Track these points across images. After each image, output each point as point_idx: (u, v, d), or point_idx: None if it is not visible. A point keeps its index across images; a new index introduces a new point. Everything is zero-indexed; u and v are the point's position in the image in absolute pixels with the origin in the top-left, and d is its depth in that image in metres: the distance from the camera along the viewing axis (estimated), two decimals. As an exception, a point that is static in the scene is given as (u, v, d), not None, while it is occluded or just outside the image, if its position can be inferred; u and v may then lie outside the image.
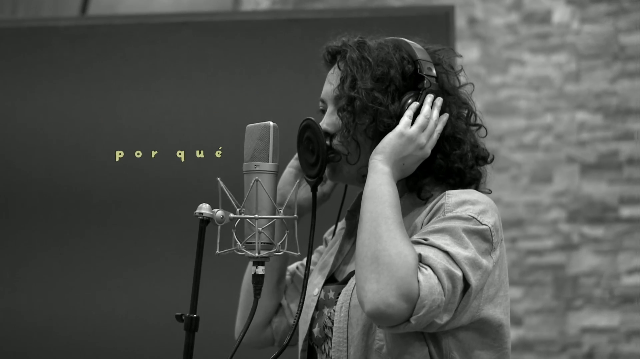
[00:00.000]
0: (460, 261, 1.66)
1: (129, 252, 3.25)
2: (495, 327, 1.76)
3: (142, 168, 3.25)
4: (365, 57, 1.80)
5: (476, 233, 1.70)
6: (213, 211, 1.70)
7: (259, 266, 1.73)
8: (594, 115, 5.05)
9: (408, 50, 1.83)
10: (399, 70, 1.80)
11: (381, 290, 1.62)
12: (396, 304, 1.61)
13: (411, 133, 1.76)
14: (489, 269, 1.70)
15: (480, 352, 1.76)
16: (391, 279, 1.61)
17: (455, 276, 1.64)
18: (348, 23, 1.97)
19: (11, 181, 3.30)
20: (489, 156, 1.87)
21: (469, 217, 1.71)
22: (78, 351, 3.25)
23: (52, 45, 3.34)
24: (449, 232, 1.69)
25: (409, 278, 1.61)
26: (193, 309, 1.70)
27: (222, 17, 3.48)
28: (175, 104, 3.29)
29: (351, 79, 1.80)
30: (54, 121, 3.29)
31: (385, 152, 1.75)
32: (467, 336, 1.74)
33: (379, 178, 1.73)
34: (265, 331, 2.00)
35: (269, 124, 1.75)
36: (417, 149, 1.76)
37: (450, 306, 1.65)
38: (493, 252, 1.72)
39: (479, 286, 1.69)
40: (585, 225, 5.00)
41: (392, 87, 1.80)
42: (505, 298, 1.77)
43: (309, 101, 2.08)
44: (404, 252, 1.63)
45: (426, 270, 1.63)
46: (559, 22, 5.12)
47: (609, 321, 4.94)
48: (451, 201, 1.74)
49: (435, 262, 1.64)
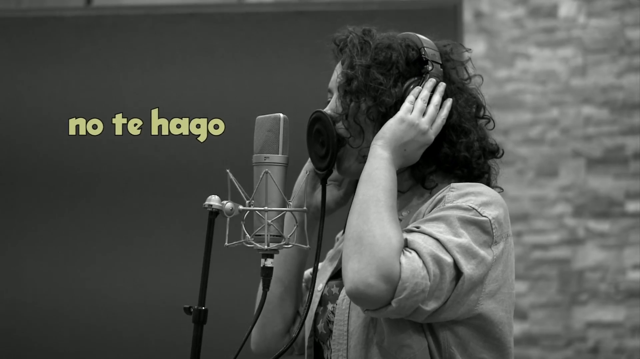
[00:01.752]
0: (451, 248, 1.63)
1: (135, 238, 3.26)
2: (496, 325, 1.73)
3: (149, 156, 3.25)
4: (366, 41, 1.79)
5: (474, 223, 1.67)
6: (222, 203, 1.69)
7: (268, 259, 1.72)
8: (600, 109, 5.04)
9: (414, 39, 1.81)
10: (403, 56, 1.78)
11: (361, 270, 1.60)
12: (375, 284, 1.59)
13: (411, 118, 1.74)
14: (488, 260, 1.67)
15: (481, 349, 1.73)
16: (372, 259, 1.60)
17: (442, 261, 1.62)
18: (355, 16, 1.96)
19: (18, 169, 3.30)
20: (499, 151, 1.85)
21: (469, 208, 1.68)
22: (84, 336, 3.25)
23: (57, 36, 3.33)
24: (444, 221, 1.66)
25: (390, 259, 1.60)
26: (202, 302, 1.69)
27: (229, 9, 3.47)
28: (182, 95, 3.28)
29: (349, 60, 1.79)
30: (59, 111, 3.29)
31: (385, 137, 1.73)
32: (466, 332, 1.72)
33: (376, 162, 1.72)
34: (284, 340, 1.93)
35: (279, 116, 1.74)
36: (419, 134, 1.74)
37: (438, 293, 1.63)
38: (494, 246, 1.69)
39: (475, 277, 1.65)
40: (591, 220, 4.99)
41: (395, 70, 1.77)
42: (509, 296, 1.74)
43: (316, 93, 2.07)
44: (388, 234, 1.62)
45: (410, 253, 1.61)
46: (566, 16, 5.11)
47: (614, 316, 4.93)
48: (453, 194, 1.72)
49: (421, 247, 1.62)
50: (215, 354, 1.94)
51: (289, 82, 3.21)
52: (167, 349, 3.19)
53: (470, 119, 1.82)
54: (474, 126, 1.82)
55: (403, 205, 1.81)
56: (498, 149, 1.85)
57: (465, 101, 1.82)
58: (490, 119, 1.86)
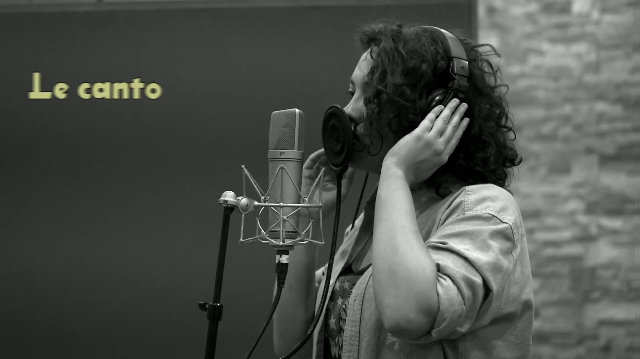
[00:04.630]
0: (481, 267, 1.63)
1: (148, 234, 3.29)
2: (517, 321, 1.73)
3: (159, 153, 3.27)
4: (398, 50, 1.77)
5: (497, 233, 1.67)
6: (237, 199, 1.68)
7: (284, 255, 1.71)
8: (614, 106, 5.02)
9: (445, 44, 1.79)
10: (431, 66, 1.76)
11: (400, 306, 1.59)
12: (416, 319, 1.59)
13: (429, 138, 1.72)
14: (510, 269, 1.67)
15: (501, 346, 1.73)
16: (410, 294, 1.59)
17: (474, 283, 1.62)
18: (369, 11, 1.95)
19: (28, 162, 3.32)
20: (517, 158, 1.84)
21: (489, 216, 1.68)
22: (88, 316, 3.28)
23: (70, 31, 3.33)
24: (469, 236, 1.65)
25: (428, 291, 1.59)
26: (217, 298, 1.68)
27: (242, 4, 3.46)
28: (196, 90, 3.28)
29: (381, 71, 1.77)
30: (72, 106, 3.30)
31: (400, 154, 1.72)
32: (486, 332, 1.71)
33: (392, 183, 1.71)
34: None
35: (294, 111, 1.73)
36: (434, 154, 1.73)
37: (471, 314, 1.63)
38: (514, 251, 1.69)
39: (500, 290, 1.66)
40: (604, 217, 4.97)
41: (422, 82, 1.76)
42: (530, 293, 1.74)
43: (330, 88, 2.07)
44: (422, 265, 1.60)
45: (445, 281, 1.60)
46: (579, 12, 5.09)
47: (626, 313, 4.91)
48: (471, 199, 1.71)
49: (454, 272, 1.61)
50: (230, 350, 1.93)
51: (303, 77, 3.21)
52: (181, 346, 3.20)
53: (492, 130, 1.80)
54: (494, 134, 1.80)
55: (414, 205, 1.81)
56: (517, 155, 1.84)
57: (489, 109, 1.81)
58: (511, 129, 1.85)
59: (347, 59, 1.90)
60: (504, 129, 1.84)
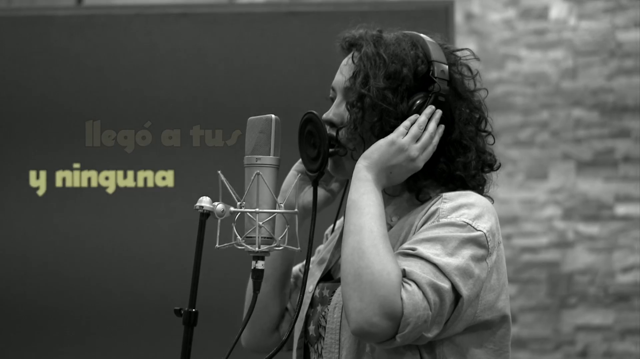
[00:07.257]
0: (450, 272, 1.63)
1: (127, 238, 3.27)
2: (496, 328, 1.74)
3: (138, 158, 3.26)
4: (380, 54, 1.77)
5: (470, 241, 1.67)
6: (213, 204, 1.68)
7: (259, 261, 1.71)
8: (590, 112, 5.04)
9: (425, 48, 1.79)
10: (412, 70, 1.77)
11: (364, 309, 1.60)
12: (379, 323, 1.60)
13: (402, 143, 1.72)
14: (483, 276, 1.67)
15: (480, 353, 1.73)
16: (374, 298, 1.60)
17: (441, 289, 1.62)
18: (347, 16, 1.95)
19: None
20: (496, 163, 1.84)
21: (463, 224, 1.68)
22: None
23: (48, 35, 3.32)
24: (440, 241, 1.66)
25: (392, 296, 1.59)
26: (192, 304, 1.68)
27: (220, 9, 3.46)
28: (172, 95, 3.27)
29: (364, 76, 1.77)
30: (50, 111, 3.28)
31: (372, 158, 1.73)
32: (464, 339, 1.72)
33: (361, 186, 1.71)
34: (273, 337, 1.94)
35: (271, 117, 1.73)
36: (407, 160, 1.73)
37: (439, 319, 1.63)
38: (489, 258, 1.69)
39: (472, 295, 1.66)
40: (581, 223, 4.99)
41: (403, 86, 1.76)
42: (507, 300, 1.75)
43: (307, 93, 2.07)
44: (387, 269, 1.61)
45: (410, 286, 1.61)
46: (556, 19, 5.11)
47: (603, 319, 4.93)
48: (446, 206, 1.71)
49: (420, 277, 1.62)
50: (206, 354, 1.93)
51: (280, 82, 3.20)
52: (157, 350, 3.19)
53: (472, 135, 1.81)
54: (474, 139, 1.81)
55: (393, 210, 1.81)
56: (495, 161, 1.84)
57: (469, 113, 1.81)
58: (490, 133, 1.86)
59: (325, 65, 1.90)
60: (484, 133, 1.84)
